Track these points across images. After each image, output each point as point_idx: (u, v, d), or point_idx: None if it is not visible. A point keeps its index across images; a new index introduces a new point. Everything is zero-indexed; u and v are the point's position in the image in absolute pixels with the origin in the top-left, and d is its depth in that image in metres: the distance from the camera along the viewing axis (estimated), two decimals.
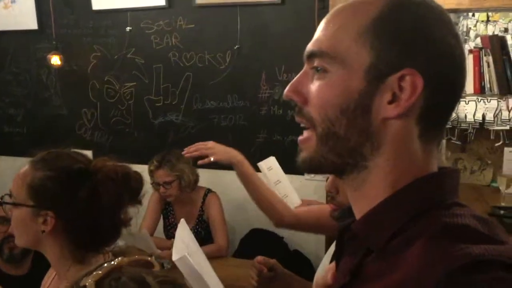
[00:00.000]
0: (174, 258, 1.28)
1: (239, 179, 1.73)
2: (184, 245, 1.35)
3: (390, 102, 0.60)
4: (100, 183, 1.15)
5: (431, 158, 0.63)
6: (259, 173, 1.99)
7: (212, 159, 1.71)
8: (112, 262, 0.77)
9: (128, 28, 3.18)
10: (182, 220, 1.51)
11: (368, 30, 0.60)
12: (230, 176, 3.19)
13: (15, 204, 1.17)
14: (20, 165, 1.19)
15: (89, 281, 0.72)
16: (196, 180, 2.72)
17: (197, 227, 2.75)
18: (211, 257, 2.46)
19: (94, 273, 0.73)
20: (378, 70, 0.60)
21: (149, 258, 0.82)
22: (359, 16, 0.61)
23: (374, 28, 0.60)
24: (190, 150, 1.76)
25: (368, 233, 0.63)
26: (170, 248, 2.48)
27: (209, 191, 2.77)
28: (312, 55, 0.65)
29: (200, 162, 1.75)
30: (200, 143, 1.77)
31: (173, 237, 2.65)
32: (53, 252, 1.19)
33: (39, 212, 1.14)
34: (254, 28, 2.98)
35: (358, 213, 0.66)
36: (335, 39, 0.62)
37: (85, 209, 1.15)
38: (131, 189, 1.20)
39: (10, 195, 1.19)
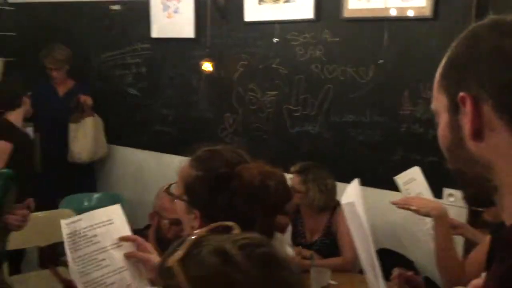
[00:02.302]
0: (344, 201, 1.34)
1: (433, 232, 1.72)
2: (354, 196, 1.40)
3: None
4: (237, 191, 1.16)
5: None
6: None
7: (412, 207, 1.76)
8: (191, 237, 0.76)
9: (275, 40, 3.30)
10: (356, 180, 1.55)
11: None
12: (367, 192, 3.14)
13: (175, 196, 1.26)
14: (167, 161, 1.31)
15: (174, 263, 0.71)
16: (326, 205, 2.72)
17: (324, 238, 2.75)
18: (337, 270, 2.46)
19: (177, 253, 0.73)
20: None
21: (227, 223, 0.81)
22: None
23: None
24: (399, 203, 1.85)
25: None
26: (296, 256, 2.53)
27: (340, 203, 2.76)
28: None
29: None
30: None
31: (300, 245, 2.70)
32: None
33: (191, 209, 1.22)
34: (401, 43, 2.90)
35: (508, 220, 0.65)
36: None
37: (223, 214, 1.13)
38: (268, 201, 1.18)
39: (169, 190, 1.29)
